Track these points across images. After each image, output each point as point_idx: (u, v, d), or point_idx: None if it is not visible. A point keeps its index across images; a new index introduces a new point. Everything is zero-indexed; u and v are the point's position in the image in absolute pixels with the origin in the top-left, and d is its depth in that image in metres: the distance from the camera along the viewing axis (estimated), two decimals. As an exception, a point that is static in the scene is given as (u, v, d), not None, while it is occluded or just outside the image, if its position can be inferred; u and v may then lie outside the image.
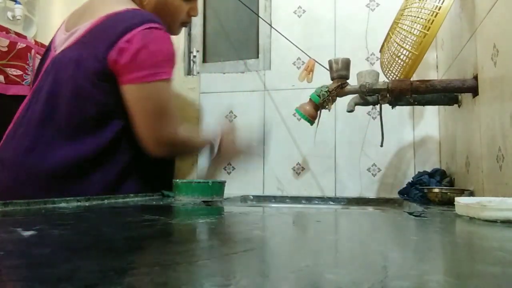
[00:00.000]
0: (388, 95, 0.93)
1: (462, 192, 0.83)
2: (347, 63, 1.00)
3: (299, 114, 1.02)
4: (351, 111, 1.03)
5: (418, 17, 0.86)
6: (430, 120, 1.36)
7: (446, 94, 1.00)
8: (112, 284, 0.24)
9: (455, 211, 0.58)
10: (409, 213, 0.66)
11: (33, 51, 1.39)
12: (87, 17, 0.97)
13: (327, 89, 0.99)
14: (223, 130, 1.13)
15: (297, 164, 1.46)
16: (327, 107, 1.00)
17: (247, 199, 1.36)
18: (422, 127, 1.37)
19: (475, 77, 0.86)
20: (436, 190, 0.87)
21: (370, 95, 0.98)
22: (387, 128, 1.08)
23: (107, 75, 0.90)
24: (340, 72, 0.99)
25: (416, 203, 0.92)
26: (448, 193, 0.84)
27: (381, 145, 1.04)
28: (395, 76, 0.96)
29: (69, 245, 0.37)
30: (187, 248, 0.37)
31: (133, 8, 0.97)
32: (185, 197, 0.92)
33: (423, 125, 1.37)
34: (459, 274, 0.28)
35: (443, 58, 1.27)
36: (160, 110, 0.94)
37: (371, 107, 1.36)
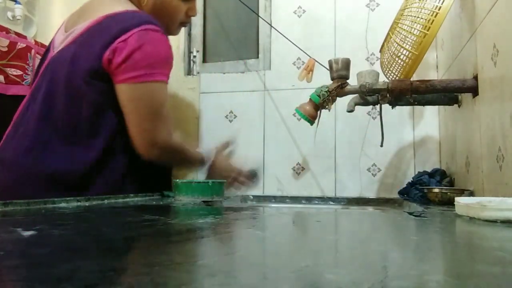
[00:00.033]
0: (388, 95, 0.93)
1: (462, 192, 0.83)
2: (347, 63, 0.99)
3: (299, 114, 1.02)
4: (351, 111, 1.03)
5: (418, 17, 0.86)
6: (430, 120, 1.36)
7: (446, 94, 1.00)
8: (112, 284, 0.24)
9: (455, 211, 0.58)
10: (409, 213, 0.66)
11: (33, 51, 1.39)
12: (85, 17, 0.97)
13: (327, 89, 0.99)
14: (218, 151, 1.13)
15: (297, 164, 1.46)
16: (327, 107, 1.00)
17: (247, 199, 1.36)
18: (422, 127, 1.37)
19: (475, 77, 0.86)
20: (436, 190, 0.87)
21: (370, 95, 0.98)
22: (387, 128, 1.08)
23: (101, 74, 0.90)
24: (340, 72, 0.99)
25: (416, 203, 0.92)
26: (448, 193, 0.84)
27: (381, 145, 1.04)
28: (395, 76, 0.96)
29: (69, 245, 0.37)
30: (187, 248, 0.37)
31: (132, 9, 0.97)
32: (185, 197, 0.92)
33: (423, 125, 1.37)
34: (459, 274, 0.28)
35: (443, 58, 1.27)
36: (153, 111, 0.93)
37: (371, 107, 1.36)
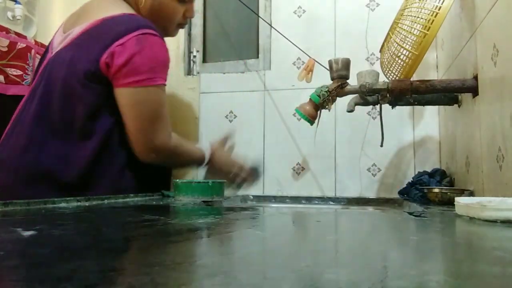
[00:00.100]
0: (388, 95, 0.93)
1: (462, 192, 0.83)
2: (347, 63, 0.99)
3: (299, 114, 1.02)
4: (351, 111, 1.03)
5: (418, 17, 0.86)
6: (430, 120, 1.36)
7: (446, 94, 1.00)
8: (112, 284, 0.24)
9: (455, 211, 0.58)
10: (409, 213, 0.66)
11: (33, 51, 1.39)
12: (83, 19, 0.97)
13: (327, 89, 0.99)
14: (218, 146, 1.13)
15: (297, 164, 1.46)
16: (327, 107, 1.00)
17: (247, 199, 1.36)
18: (422, 127, 1.37)
19: (475, 77, 0.86)
20: (436, 190, 0.87)
21: (370, 95, 0.98)
22: (387, 128, 1.07)
23: (98, 77, 0.90)
24: (340, 72, 0.99)
25: (416, 203, 0.92)
26: (448, 193, 0.84)
27: (381, 145, 1.04)
28: (395, 76, 0.96)
29: (69, 245, 0.37)
30: (187, 248, 0.37)
31: (129, 12, 0.98)
32: (185, 197, 0.92)
33: (423, 125, 1.37)
34: (459, 274, 0.28)
35: (443, 58, 1.27)
36: (153, 114, 0.94)
37: (371, 107, 1.36)
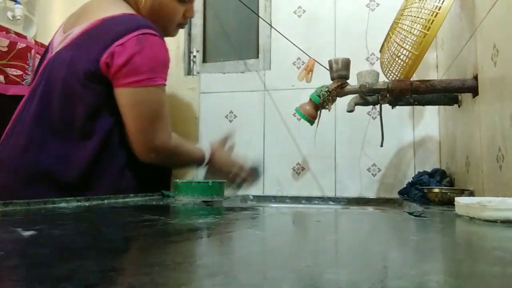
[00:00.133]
0: (388, 95, 0.93)
1: (462, 192, 0.83)
2: (347, 63, 0.99)
3: (299, 114, 1.02)
4: (351, 111, 1.03)
5: (418, 17, 0.86)
6: (430, 120, 1.36)
7: (446, 94, 1.00)
8: (112, 284, 0.24)
9: (455, 211, 0.58)
10: (409, 213, 0.66)
11: (33, 51, 1.39)
12: (83, 19, 0.97)
13: (327, 89, 0.99)
14: (218, 145, 1.12)
15: (297, 164, 1.46)
16: (327, 107, 1.00)
17: (247, 199, 1.36)
18: (422, 127, 1.37)
19: (475, 77, 0.86)
20: (436, 190, 0.87)
21: (370, 95, 0.98)
22: (387, 128, 1.07)
23: (98, 77, 0.90)
24: (340, 72, 0.99)
25: (416, 203, 0.92)
26: (448, 193, 0.84)
27: (381, 145, 1.04)
28: (395, 76, 0.96)
29: (69, 245, 0.37)
30: (187, 248, 0.37)
31: (129, 12, 0.98)
32: (185, 197, 0.92)
33: (423, 125, 1.37)
34: (459, 274, 0.28)
35: (443, 58, 1.27)
36: (153, 114, 0.94)
37: (371, 107, 1.36)
